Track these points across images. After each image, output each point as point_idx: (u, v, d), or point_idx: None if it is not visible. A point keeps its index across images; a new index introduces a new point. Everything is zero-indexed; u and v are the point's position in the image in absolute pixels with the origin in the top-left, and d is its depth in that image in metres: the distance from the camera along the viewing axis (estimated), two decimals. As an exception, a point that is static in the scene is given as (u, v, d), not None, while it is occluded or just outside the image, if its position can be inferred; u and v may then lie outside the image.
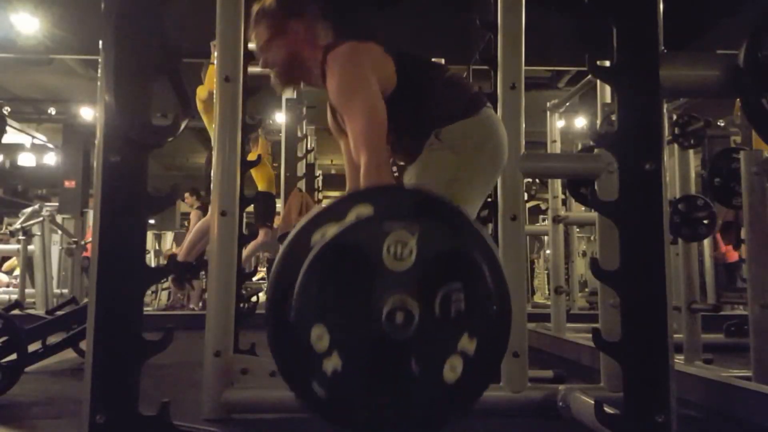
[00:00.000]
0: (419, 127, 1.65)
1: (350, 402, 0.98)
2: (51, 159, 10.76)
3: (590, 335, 1.48)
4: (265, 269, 12.29)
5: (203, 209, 7.31)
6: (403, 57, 1.68)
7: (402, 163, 1.83)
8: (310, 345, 0.95)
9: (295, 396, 1.01)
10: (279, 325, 0.98)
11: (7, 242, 7.63)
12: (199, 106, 4.06)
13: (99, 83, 1.46)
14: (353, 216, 1.00)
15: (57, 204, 9.47)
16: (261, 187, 5.34)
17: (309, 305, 0.96)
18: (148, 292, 7.07)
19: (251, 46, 2.21)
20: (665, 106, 1.56)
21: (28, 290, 6.07)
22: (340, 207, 1.02)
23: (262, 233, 5.73)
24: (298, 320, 0.96)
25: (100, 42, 1.44)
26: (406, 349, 0.96)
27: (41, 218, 5.99)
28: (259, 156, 2.96)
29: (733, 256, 7.27)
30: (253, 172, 4.68)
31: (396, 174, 1.93)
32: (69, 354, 3.07)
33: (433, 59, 1.83)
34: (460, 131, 1.63)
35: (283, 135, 6.25)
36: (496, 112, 2.19)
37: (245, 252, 3.41)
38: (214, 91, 2.14)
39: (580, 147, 7.19)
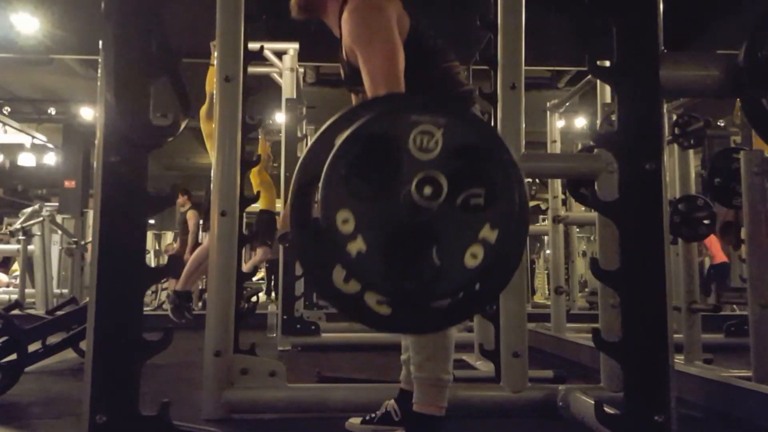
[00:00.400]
0: None
1: (371, 286, 0.99)
2: (51, 159, 10.76)
3: (590, 335, 1.48)
4: (264, 269, 12.27)
5: (197, 207, 7.33)
6: (418, 30, 1.65)
7: None
8: (336, 229, 0.96)
9: (315, 287, 1.04)
10: (302, 214, 1.01)
11: (7, 242, 7.64)
12: (204, 129, 4.05)
13: (99, 83, 1.46)
14: None
15: (57, 204, 9.48)
16: (255, 187, 5.31)
17: (335, 191, 0.97)
18: (148, 292, 7.07)
19: (251, 46, 2.21)
20: (665, 106, 1.56)
21: (28, 290, 6.08)
22: (370, 104, 1.07)
23: (260, 252, 5.71)
24: (325, 205, 0.97)
25: (100, 42, 1.44)
26: (429, 234, 0.98)
27: (41, 218, 5.99)
28: (259, 156, 2.96)
29: (720, 257, 7.25)
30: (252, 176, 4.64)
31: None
32: (69, 354, 3.08)
33: (441, 46, 1.79)
34: None
35: (283, 135, 6.24)
36: (496, 112, 2.20)
37: (244, 267, 3.44)
38: (215, 92, 2.15)
39: (580, 147, 7.19)
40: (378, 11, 1.54)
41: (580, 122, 8.36)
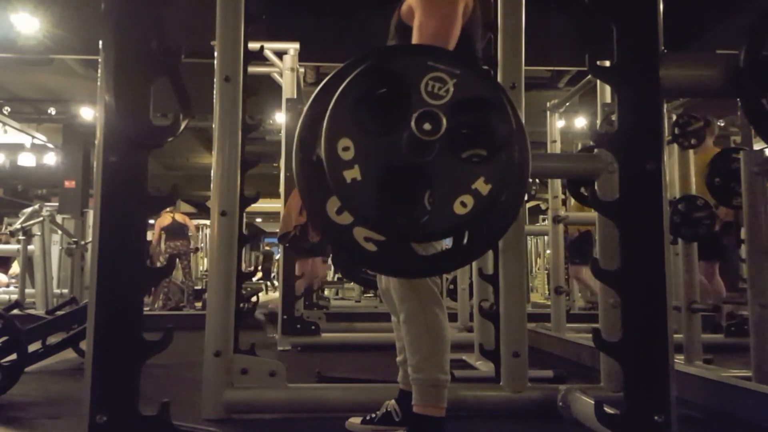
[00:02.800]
0: None
1: (360, 216, 1.01)
2: (51, 159, 10.75)
3: (590, 335, 1.48)
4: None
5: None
6: (473, 21, 1.66)
7: None
8: (336, 154, 0.98)
9: (310, 216, 1.06)
10: (307, 146, 1.03)
11: (7, 242, 7.64)
12: None
13: (99, 83, 1.46)
14: None
15: (57, 204, 9.48)
16: None
17: (341, 119, 1.00)
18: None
19: (251, 46, 2.21)
20: (665, 106, 1.56)
21: (28, 290, 6.07)
22: (390, 47, 1.09)
23: (319, 264, 5.61)
24: (329, 130, 0.99)
25: (100, 42, 1.44)
26: (424, 176, 1.01)
27: (41, 218, 5.99)
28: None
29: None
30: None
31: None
32: (69, 354, 3.08)
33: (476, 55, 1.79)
34: None
35: (283, 135, 6.24)
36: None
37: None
38: (215, 91, 2.14)
39: (580, 147, 7.19)
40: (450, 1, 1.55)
41: (580, 122, 8.35)
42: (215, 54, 2.15)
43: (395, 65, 1.02)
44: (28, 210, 6.13)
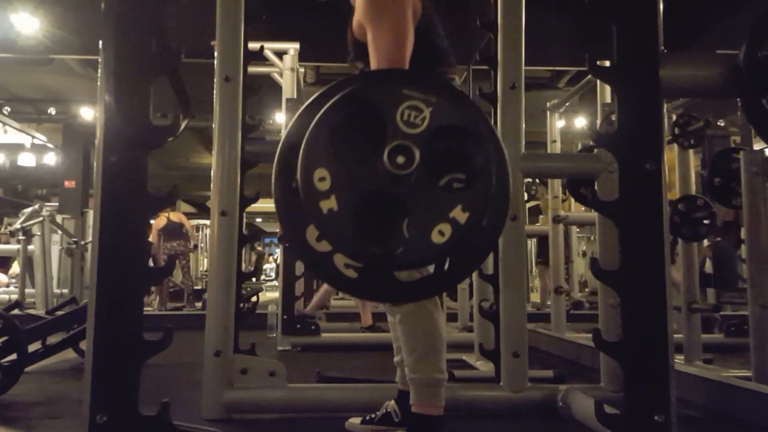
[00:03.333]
0: None
1: (339, 246, 1.02)
2: (51, 159, 10.75)
3: (590, 335, 1.48)
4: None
5: None
6: (428, 21, 1.65)
7: None
8: (312, 185, 0.99)
9: (290, 243, 1.06)
10: (286, 174, 1.03)
11: (7, 242, 7.64)
12: None
13: (99, 83, 1.46)
14: None
15: (57, 204, 9.47)
16: None
17: (317, 149, 1.00)
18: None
19: (251, 45, 2.21)
20: (665, 106, 1.56)
21: (28, 290, 6.07)
22: (366, 75, 1.08)
23: None
24: (305, 161, 1.00)
25: (100, 42, 1.44)
26: (400, 206, 1.01)
27: (41, 218, 5.99)
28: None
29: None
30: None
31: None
32: (69, 354, 3.08)
33: (446, 53, 1.78)
34: None
35: (283, 135, 6.25)
36: (496, 112, 2.20)
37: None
38: (215, 91, 2.15)
39: (580, 147, 7.19)
40: (397, 3, 1.53)
41: (580, 122, 8.34)
42: (215, 54, 2.15)
43: (370, 95, 1.02)
44: (28, 210, 6.13)
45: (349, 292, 1.07)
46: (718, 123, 7.52)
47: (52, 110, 9.08)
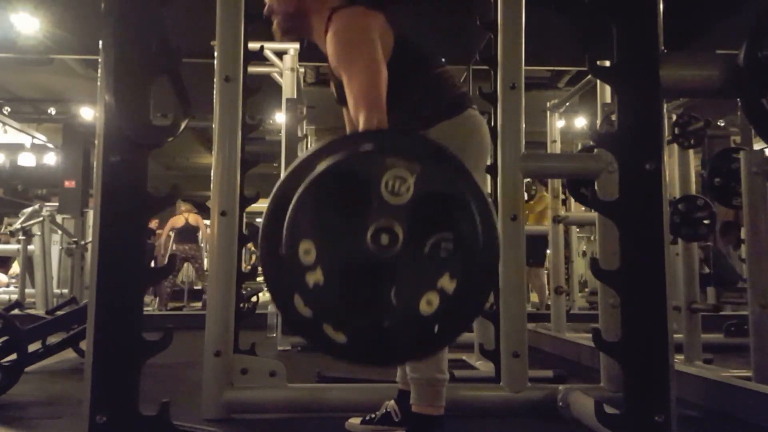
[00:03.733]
0: (397, 120, 1.59)
1: (326, 317, 1.01)
2: (51, 159, 10.75)
3: (590, 335, 1.48)
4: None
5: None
6: (403, 41, 1.65)
7: None
8: (297, 259, 0.98)
9: (278, 310, 1.05)
10: (271, 241, 1.02)
11: (7, 242, 7.64)
12: None
13: (99, 83, 1.46)
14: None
15: (57, 204, 9.47)
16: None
17: (302, 221, 1.00)
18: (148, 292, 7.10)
19: (251, 45, 2.21)
20: (665, 106, 1.56)
21: (28, 290, 6.07)
22: (349, 141, 1.07)
23: None
24: (290, 233, 0.99)
25: (100, 42, 1.44)
26: (386, 275, 1.00)
27: (41, 218, 5.98)
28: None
29: None
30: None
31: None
32: (69, 354, 3.08)
33: (430, 53, 1.79)
34: (444, 132, 1.62)
35: (283, 135, 6.24)
36: (496, 112, 2.20)
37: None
38: (215, 91, 2.15)
39: (580, 147, 7.19)
40: (359, 32, 1.54)
41: (580, 122, 8.35)
42: (215, 54, 2.15)
43: (352, 167, 1.01)
44: (28, 210, 6.12)
45: (340, 358, 1.05)
46: (718, 123, 7.53)
47: (52, 110, 9.09)
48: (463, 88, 1.76)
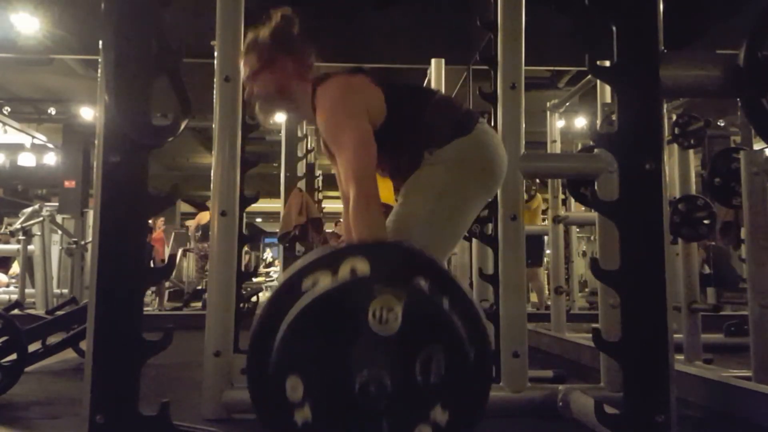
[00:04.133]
0: (413, 152, 1.65)
1: None
2: (51, 159, 10.74)
3: (590, 335, 1.48)
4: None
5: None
6: (392, 87, 1.69)
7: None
8: (284, 395, 0.96)
9: (269, 429, 1.02)
10: (259, 370, 1.00)
11: (7, 242, 7.64)
12: None
13: (99, 83, 1.46)
14: (347, 267, 1.03)
15: (57, 204, 9.46)
16: None
17: (288, 355, 0.97)
18: (148, 292, 7.10)
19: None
20: (665, 106, 1.56)
21: (28, 290, 6.07)
22: (334, 257, 1.05)
23: None
24: (277, 368, 0.97)
25: (100, 42, 1.44)
26: (378, 413, 0.97)
27: (41, 218, 5.99)
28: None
29: None
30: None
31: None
32: (69, 354, 3.08)
33: (424, 86, 1.81)
34: (454, 151, 1.63)
35: (283, 135, 6.25)
36: (496, 112, 2.20)
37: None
38: (215, 91, 2.15)
39: (580, 147, 7.19)
40: (343, 107, 1.57)
41: (580, 122, 8.34)
42: (215, 54, 2.15)
43: (337, 298, 0.99)
44: (28, 210, 6.13)
45: None
46: (718, 123, 7.52)
47: (52, 110, 9.08)
48: (465, 107, 1.76)
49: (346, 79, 1.64)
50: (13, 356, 2.38)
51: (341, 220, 2.61)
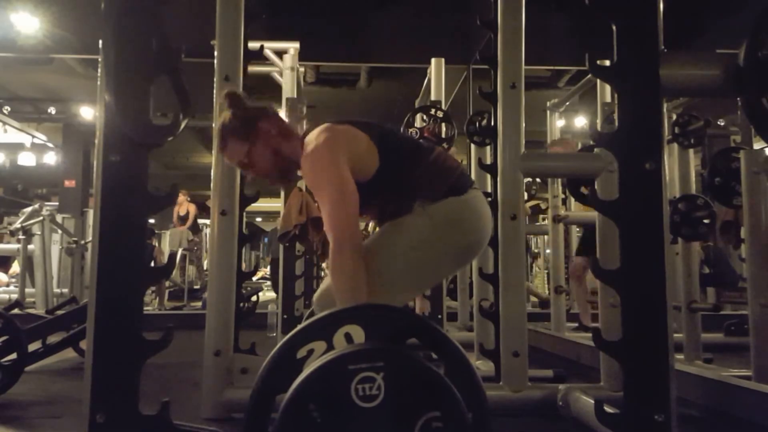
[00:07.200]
0: (404, 202, 1.67)
1: None
2: (51, 159, 10.75)
3: (590, 335, 1.48)
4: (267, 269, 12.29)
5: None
6: (387, 139, 1.70)
7: None
8: None
9: None
10: None
11: (7, 242, 7.64)
12: None
13: (99, 83, 1.46)
14: (341, 334, 1.05)
15: (57, 204, 9.47)
16: None
17: None
18: (148, 291, 7.09)
19: (251, 45, 2.21)
20: (665, 105, 1.56)
21: (28, 290, 6.07)
22: (328, 324, 1.06)
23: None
24: None
25: (100, 42, 1.44)
26: None
27: (41, 218, 5.99)
28: None
29: None
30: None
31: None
32: (69, 354, 3.08)
33: (421, 142, 1.82)
34: (445, 208, 1.66)
35: (283, 135, 6.25)
36: (496, 111, 2.20)
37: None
38: (215, 91, 2.14)
39: (580, 147, 7.18)
40: (323, 155, 1.60)
41: (580, 122, 8.34)
42: (215, 54, 2.15)
43: (317, 386, 1.00)
44: (28, 209, 6.13)
45: None
46: (718, 123, 7.52)
47: (52, 110, 9.08)
48: (460, 168, 1.77)
49: (330, 128, 1.67)
50: (13, 355, 2.38)
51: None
